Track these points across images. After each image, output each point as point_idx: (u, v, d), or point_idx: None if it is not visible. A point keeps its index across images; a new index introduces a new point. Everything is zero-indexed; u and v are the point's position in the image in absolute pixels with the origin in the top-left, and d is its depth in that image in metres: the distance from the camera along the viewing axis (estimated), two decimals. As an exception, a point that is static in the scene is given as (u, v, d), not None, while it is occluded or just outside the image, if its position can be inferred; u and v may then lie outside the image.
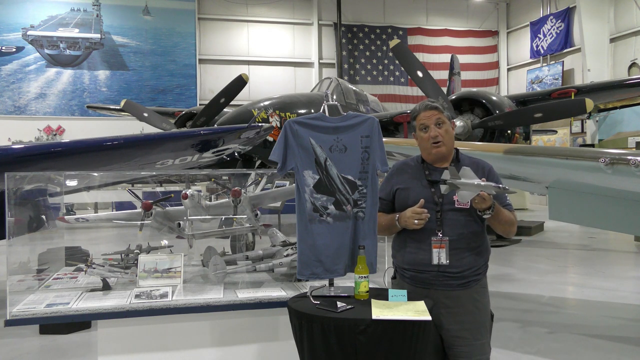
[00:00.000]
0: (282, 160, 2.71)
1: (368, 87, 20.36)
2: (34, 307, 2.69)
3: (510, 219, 2.55)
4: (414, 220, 2.46)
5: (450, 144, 2.62)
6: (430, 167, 2.63)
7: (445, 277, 2.51)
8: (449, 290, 2.51)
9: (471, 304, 2.53)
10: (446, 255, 2.48)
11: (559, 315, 5.50)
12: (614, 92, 10.02)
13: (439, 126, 2.59)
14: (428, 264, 2.51)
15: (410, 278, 2.61)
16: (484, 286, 2.62)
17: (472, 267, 2.54)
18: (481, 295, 2.58)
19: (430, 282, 2.53)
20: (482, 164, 2.64)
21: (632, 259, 9.22)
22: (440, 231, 2.50)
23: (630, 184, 3.53)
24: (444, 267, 2.49)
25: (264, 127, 4.95)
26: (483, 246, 2.60)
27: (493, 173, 2.61)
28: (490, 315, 2.62)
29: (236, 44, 21.17)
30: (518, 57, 22.50)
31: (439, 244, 2.49)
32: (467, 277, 2.53)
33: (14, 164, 4.05)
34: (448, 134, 2.61)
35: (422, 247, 2.53)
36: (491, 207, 2.38)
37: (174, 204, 3.82)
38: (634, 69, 16.84)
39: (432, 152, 2.61)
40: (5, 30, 18.90)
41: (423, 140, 2.63)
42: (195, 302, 2.81)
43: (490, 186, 2.27)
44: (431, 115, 2.60)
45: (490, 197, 2.34)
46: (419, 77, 8.59)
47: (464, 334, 2.50)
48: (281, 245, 3.60)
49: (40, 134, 18.69)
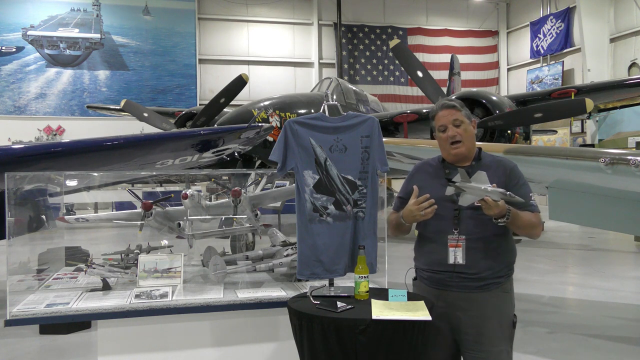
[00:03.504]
0: (282, 160, 2.71)
1: (368, 87, 20.35)
2: (34, 307, 2.69)
3: (531, 223, 2.41)
4: (419, 212, 2.37)
5: (470, 143, 2.53)
6: (451, 167, 2.53)
7: (461, 278, 2.42)
8: (465, 293, 2.42)
9: (490, 308, 2.41)
10: (462, 255, 2.40)
11: (559, 315, 5.50)
12: (614, 92, 10.01)
13: (457, 126, 2.50)
14: (444, 264, 2.43)
15: (428, 279, 2.54)
16: (507, 291, 2.48)
17: (491, 269, 2.42)
18: (502, 300, 2.45)
19: (447, 283, 2.45)
20: (504, 163, 2.54)
21: (632, 259, 9.23)
22: (457, 230, 2.41)
23: (630, 184, 3.54)
24: (460, 267, 2.40)
25: (264, 127, 4.95)
26: (504, 248, 2.48)
27: (515, 172, 2.50)
28: (513, 322, 2.48)
29: (236, 44, 21.17)
30: (518, 57, 22.51)
31: (455, 243, 2.41)
32: (486, 280, 2.42)
33: (14, 164, 4.05)
34: (467, 132, 2.51)
35: (438, 247, 2.46)
36: (506, 215, 2.27)
37: (174, 204, 3.82)
38: (634, 69, 16.85)
39: (452, 152, 2.52)
40: (5, 30, 18.91)
41: (442, 141, 2.55)
42: (195, 302, 2.80)
43: (496, 192, 2.20)
44: (448, 114, 2.52)
45: (497, 204, 2.23)
46: (419, 77, 8.60)
47: (481, 340, 2.40)
48: (281, 245, 3.60)
49: (40, 134, 18.70)
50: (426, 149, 4.57)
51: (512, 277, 2.53)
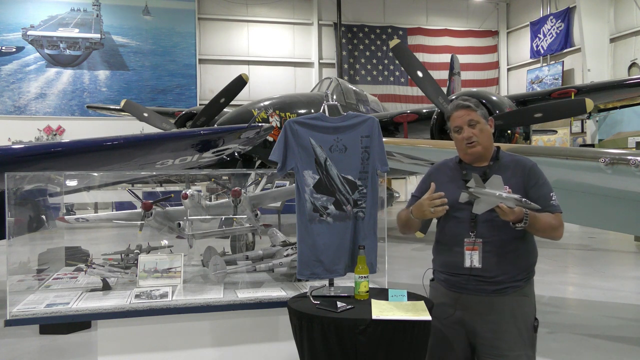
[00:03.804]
0: (282, 160, 2.72)
1: (368, 87, 20.35)
2: (34, 307, 2.69)
3: (551, 225, 2.32)
4: (430, 207, 2.28)
5: (486, 142, 2.47)
6: (468, 167, 2.49)
7: (478, 281, 2.36)
8: (482, 296, 2.36)
9: (508, 312, 2.34)
10: (479, 258, 2.34)
11: (559, 315, 5.50)
12: (614, 92, 10.00)
13: (472, 126, 2.45)
14: (460, 267, 2.38)
15: (444, 281, 2.50)
16: (527, 294, 2.41)
17: (509, 272, 2.36)
18: (520, 303, 2.38)
19: (463, 286, 2.40)
20: (523, 162, 2.47)
21: (632, 259, 9.23)
22: (474, 232, 2.36)
23: (630, 184, 3.54)
24: (477, 270, 2.34)
25: (264, 127, 4.95)
26: (523, 251, 2.41)
27: (535, 172, 2.42)
28: (534, 326, 2.40)
29: (236, 44, 21.17)
30: (518, 57, 22.51)
31: (472, 246, 2.35)
32: (503, 283, 2.35)
33: (14, 164, 4.05)
34: (483, 132, 2.46)
35: (454, 249, 2.41)
36: (523, 219, 2.20)
37: (174, 204, 3.82)
38: (634, 69, 16.85)
39: (468, 153, 2.48)
40: (5, 30, 18.90)
41: (458, 141, 2.51)
42: (195, 302, 2.81)
43: (510, 199, 2.14)
44: (464, 115, 2.47)
45: (512, 211, 2.16)
46: (419, 77, 8.58)
47: (498, 344, 2.34)
48: (281, 245, 3.60)
49: (40, 134, 18.69)
50: (426, 149, 4.57)
51: (532, 280, 2.46)
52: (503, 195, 2.16)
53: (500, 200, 2.16)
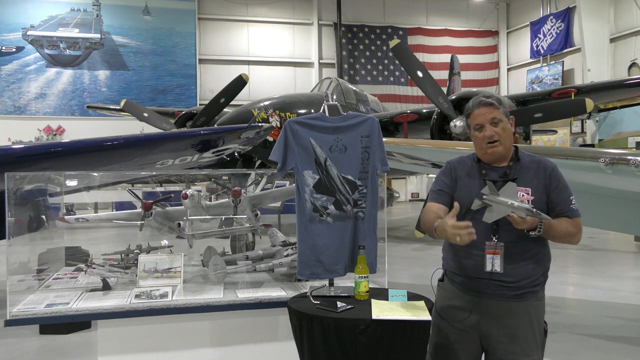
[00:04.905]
0: (282, 161, 2.72)
1: (368, 87, 20.35)
2: (34, 307, 2.70)
3: (567, 232, 2.26)
4: (455, 237, 2.09)
5: (508, 142, 2.36)
6: (487, 167, 2.39)
7: (498, 286, 2.28)
8: (502, 301, 2.29)
9: (525, 317, 2.30)
10: (501, 263, 2.25)
11: (559, 315, 5.49)
12: (614, 92, 10.01)
13: (495, 125, 2.33)
14: (480, 271, 2.28)
15: (461, 284, 2.40)
16: (540, 299, 2.37)
17: (530, 277, 2.30)
18: (536, 308, 2.34)
19: (482, 291, 2.31)
20: (544, 164, 2.37)
21: (632, 259, 9.22)
22: (496, 236, 2.26)
23: (630, 184, 3.54)
24: (497, 275, 2.26)
25: (264, 127, 4.95)
26: (543, 254, 2.36)
27: (555, 174, 2.34)
28: (544, 330, 2.38)
29: (236, 44, 21.17)
30: (518, 57, 22.51)
31: (494, 250, 2.25)
32: (523, 288, 2.29)
33: (14, 164, 4.05)
34: (505, 132, 2.35)
35: (473, 252, 2.30)
36: (537, 227, 2.15)
37: (174, 204, 3.82)
38: (634, 69, 16.85)
39: (488, 152, 2.36)
40: (5, 30, 18.90)
41: (478, 140, 2.38)
42: (195, 302, 2.81)
43: (522, 209, 2.09)
44: (486, 112, 2.35)
45: (524, 220, 2.10)
46: (419, 77, 8.59)
47: (514, 349, 2.29)
48: (281, 245, 3.60)
49: (40, 134, 18.69)
50: (426, 149, 4.57)
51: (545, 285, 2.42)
52: (515, 204, 2.11)
53: (512, 210, 2.11)
